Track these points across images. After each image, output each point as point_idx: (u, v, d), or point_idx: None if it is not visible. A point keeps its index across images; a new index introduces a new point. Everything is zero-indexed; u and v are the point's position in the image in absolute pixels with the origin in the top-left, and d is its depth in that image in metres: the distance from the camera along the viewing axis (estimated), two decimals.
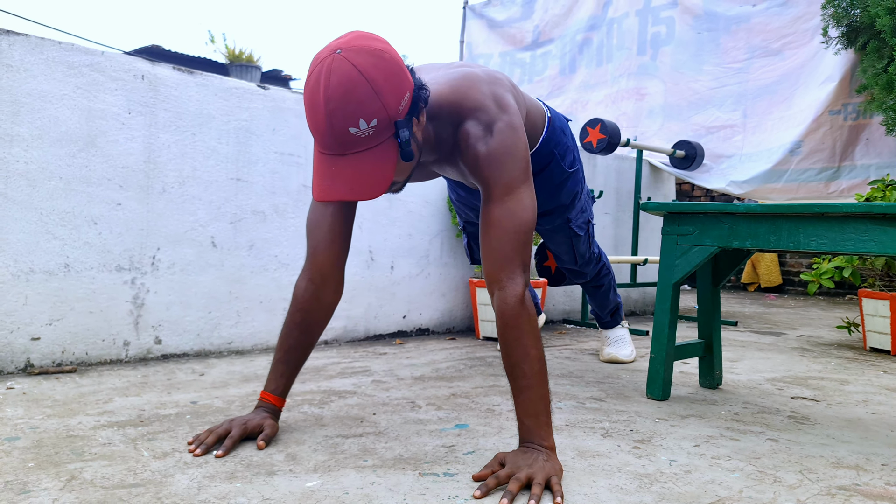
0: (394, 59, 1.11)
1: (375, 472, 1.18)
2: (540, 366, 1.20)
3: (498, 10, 5.48)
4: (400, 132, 1.12)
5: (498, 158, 1.25)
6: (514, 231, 1.24)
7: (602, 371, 2.18)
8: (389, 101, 1.09)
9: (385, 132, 1.11)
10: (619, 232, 3.85)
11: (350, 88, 1.06)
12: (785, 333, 3.30)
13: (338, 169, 1.12)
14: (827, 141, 3.62)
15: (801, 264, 6.17)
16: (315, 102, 1.08)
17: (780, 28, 3.84)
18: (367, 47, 1.09)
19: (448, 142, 1.32)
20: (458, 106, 1.29)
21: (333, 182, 1.12)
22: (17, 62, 1.86)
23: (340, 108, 1.06)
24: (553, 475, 1.11)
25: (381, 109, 1.09)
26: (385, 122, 1.10)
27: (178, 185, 2.17)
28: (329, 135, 1.09)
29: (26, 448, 1.25)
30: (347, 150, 1.10)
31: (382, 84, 1.08)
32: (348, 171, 1.11)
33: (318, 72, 1.08)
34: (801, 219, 1.55)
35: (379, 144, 1.11)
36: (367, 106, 1.07)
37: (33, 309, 1.91)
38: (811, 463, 1.30)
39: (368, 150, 1.11)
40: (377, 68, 1.08)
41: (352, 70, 1.06)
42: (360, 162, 1.11)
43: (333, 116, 1.07)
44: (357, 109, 1.07)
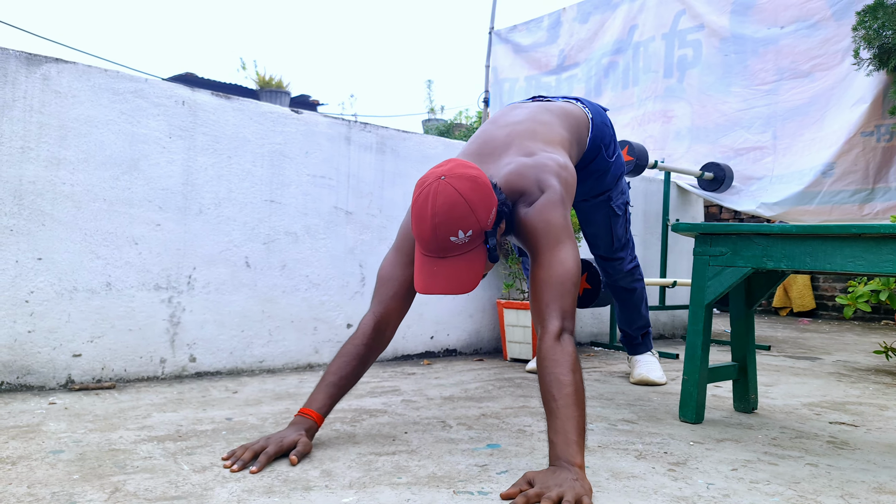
0: (485, 183, 1.36)
1: (410, 489, 1.19)
2: (571, 390, 1.24)
3: (523, 35, 5.54)
4: (489, 240, 1.37)
5: (537, 227, 1.45)
6: (551, 282, 1.39)
7: (633, 393, 2.16)
8: (482, 217, 1.34)
9: (477, 240, 1.36)
10: (647, 254, 3.83)
11: (453, 206, 1.30)
12: (820, 358, 3.24)
13: (438, 269, 1.36)
14: (860, 162, 3.58)
15: (834, 288, 6.06)
16: (423, 216, 1.32)
17: (809, 50, 3.82)
18: (465, 174, 1.34)
19: (509, 221, 1.55)
20: (511, 195, 1.52)
21: (435, 279, 1.35)
22: (66, 89, 1.94)
23: (444, 223, 1.31)
24: (584, 495, 1.10)
25: (475, 223, 1.33)
26: (478, 232, 1.34)
27: (214, 207, 2.23)
28: (433, 242, 1.33)
29: (70, 461, 1.28)
30: (447, 254, 1.35)
31: (477, 204, 1.33)
32: (447, 270, 1.35)
33: (426, 192, 1.33)
34: (837, 240, 1.54)
35: (472, 250, 1.36)
36: (466, 221, 1.32)
37: (75, 326, 1.96)
38: (852, 488, 1.28)
39: (464, 254, 1.35)
40: (473, 192, 1.32)
41: (454, 193, 1.31)
42: (458, 263, 1.35)
43: (438, 228, 1.31)
44: (458, 223, 1.31)
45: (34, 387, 1.90)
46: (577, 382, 1.26)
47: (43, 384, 1.91)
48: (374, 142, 2.65)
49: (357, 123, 2.62)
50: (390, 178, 2.69)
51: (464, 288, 1.36)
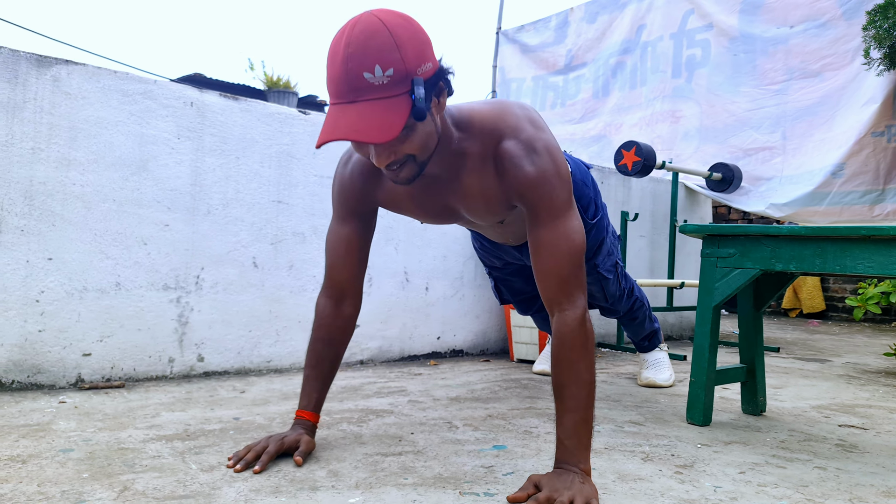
0: (422, 31, 1.12)
1: (416, 490, 1.19)
2: (589, 390, 1.21)
3: (531, 35, 5.54)
4: (416, 88, 1.07)
5: (545, 180, 1.23)
6: (568, 254, 1.23)
7: (640, 395, 2.16)
8: (409, 57, 1.07)
9: (400, 86, 1.07)
10: (654, 255, 3.82)
11: (371, 34, 1.05)
12: (830, 360, 3.22)
13: (346, 115, 1.07)
14: (870, 163, 3.55)
15: (844, 289, 6.02)
16: (335, 49, 1.07)
17: (818, 49, 3.80)
18: (400, 13, 1.11)
19: (476, 158, 1.28)
20: (493, 123, 1.27)
21: (337, 123, 1.07)
22: (76, 90, 1.96)
23: (358, 52, 1.05)
24: (592, 498, 1.10)
25: (399, 61, 1.06)
26: (401, 75, 1.07)
27: (222, 207, 2.24)
28: (343, 80, 1.06)
29: (80, 459, 1.29)
30: (358, 96, 1.07)
31: (405, 40, 1.07)
32: (355, 117, 1.06)
33: (343, 27, 1.09)
34: (847, 241, 1.53)
35: (392, 97, 1.07)
36: (386, 54, 1.05)
37: (85, 326, 1.97)
38: (861, 492, 1.27)
39: (380, 99, 1.07)
40: (402, 27, 1.08)
41: (377, 21, 1.06)
42: (369, 108, 1.06)
43: (350, 60, 1.05)
44: (374, 55, 1.05)
45: (44, 386, 1.91)
46: (594, 380, 1.22)
47: (53, 383, 1.92)
48: None
49: None
50: None
51: (371, 133, 1.06)
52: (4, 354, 1.85)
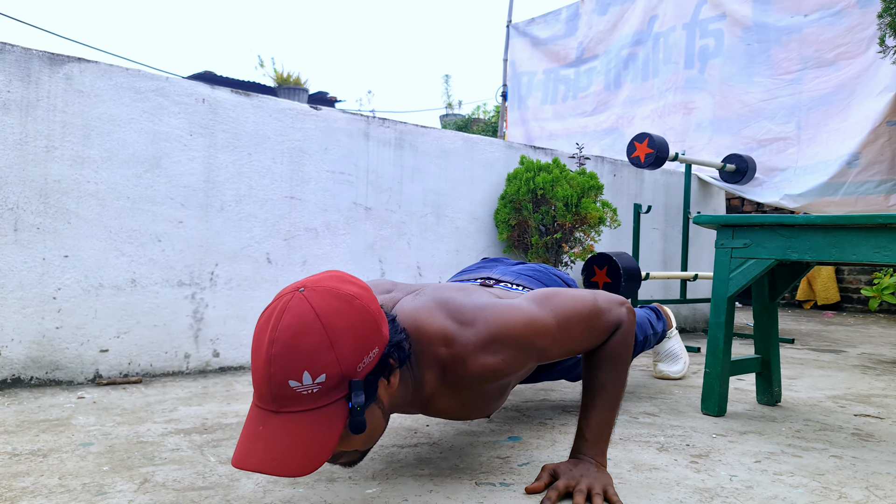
0: (366, 308, 0.94)
1: (433, 480, 1.20)
2: (621, 393, 1.23)
3: (541, 28, 5.51)
4: (353, 395, 0.90)
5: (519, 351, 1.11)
6: (585, 331, 1.18)
7: (654, 387, 2.15)
8: (347, 356, 0.90)
9: (335, 392, 0.90)
10: (668, 247, 3.80)
11: (300, 332, 0.88)
12: (845, 351, 3.20)
13: (266, 429, 0.89)
14: (886, 152, 3.52)
15: (859, 280, 5.96)
16: (259, 343, 0.91)
17: (833, 38, 3.76)
18: (335, 290, 0.93)
19: (433, 383, 1.12)
20: (431, 335, 1.09)
21: (255, 444, 0.89)
22: (88, 88, 1.97)
23: (283, 355, 0.88)
24: (609, 486, 1.11)
25: (333, 363, 0.89)
26: (336, 379, 0.90)
27: (235, 204, 2.25)
28: (265, 385, 0.89)
29: (100, 453, 1.31)
30: (283, 406, 0.89)
31: (342, 334, 0.90)
32: (276, 435, 0.89)
33: (271, 309, 0.92)
34: (863, 230, 1.52)
35: (323, 406, 0.90)
36: (317, 357, 0.88)
37: (102, 322, 1.99)
38: (878, 480, 1.26)
39: (308, 411, 0.89)
40: (341, 315, 0.91)
41: (308, 312, 0.89)
42: (295, 425, 0.89)
43: (273, 363, 0.88)
44: (303, 360, 0.88)
45: (63, 382, 1.94)
46: (626, 382, 1.24)
47: (71, 379, 1.95)
48: (392, 137, 2.66)
49: (375, 119, 2.63)
50: (409, 173, 2.70)
51: (294, 468, 0.88)
52: (23, 351, 1.87)
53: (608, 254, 2.68)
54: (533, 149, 3.22)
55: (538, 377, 1.65)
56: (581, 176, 2.89)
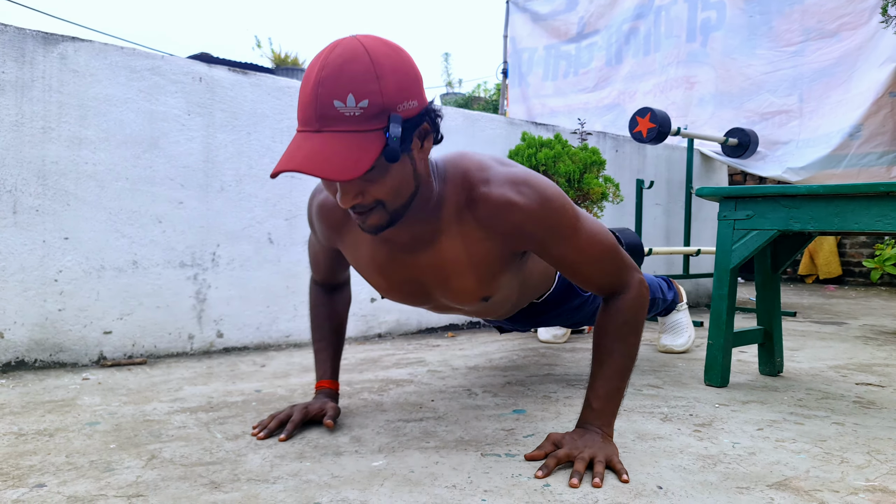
0: (412, 65, 0.99)
1: (438, 452, 1.21)
2: (631, 364, 1.22)
3: (542, 4, 5.45)
4: (391, 126, 0.94)
5: (542, 208, 1.11)
6: (601, 258, 1.19)
7: (658, 360, 2.16)
8: (389, 90, 0.94)
9: (374, 120, 0.94)
10: (670, 222, 3.79)
11: (349, 59, 0.93)
12: (847, 323, 3.20)
13: (308, 144, 0.94)
14: (888, 124, 3.49)
15: (861, 254, 5.95)
16: (309, 73, 0.96)
17: (835, 9, 3.72)
18: (388, 42, 0.98)
19: (454, 215, 1.14)
20: (466, 170, 1.14)
21: (296, 153, 0.93)
22: (83, 67, 1.96)
23: (332, 77, 0.92)
24: (613, 456, 1.12)
25: (376, 92, 0.93)
26: (377, 108, 0.94)
27: (235, 184, 2.24)
28: (312, 105, 0.94)
29: (107, 431, 1.32)
30: (325, 126, 0.94)
31: (388, 70, 0.94)
32: (317, 147, 0.93)
33: (324, 50, 0.97)
34: (865, 199, 1.51)
35: (362, 132, 0.94)
36: (362, 83, 0.92)
37: (105, 304, 2.00)
38: (879, 445, 1.27)
39: (348, 132, 0.93)
40: (387, 56, 0.95)
41: (359, 46, 0.94)
42: (335, 141, 0.93)
43: (322, 84, 0.92)
44: (349, 82, 0.92)
45: (67, 364, 1.94)
46: (637, 354, 1.23)
47: (75, 361, 1.96)
48: None
49: None
50: None
51: (331, 167, 0.91)
52: (26, 334, 1.88)
53: (611, 229, 2.67)
54: (534, 125, 3.20)
55: (539, 317, 1.63)
56: (583, 151, 2.88)
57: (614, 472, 1.09)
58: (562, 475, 1.09)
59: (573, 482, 1.04)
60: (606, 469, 1.10)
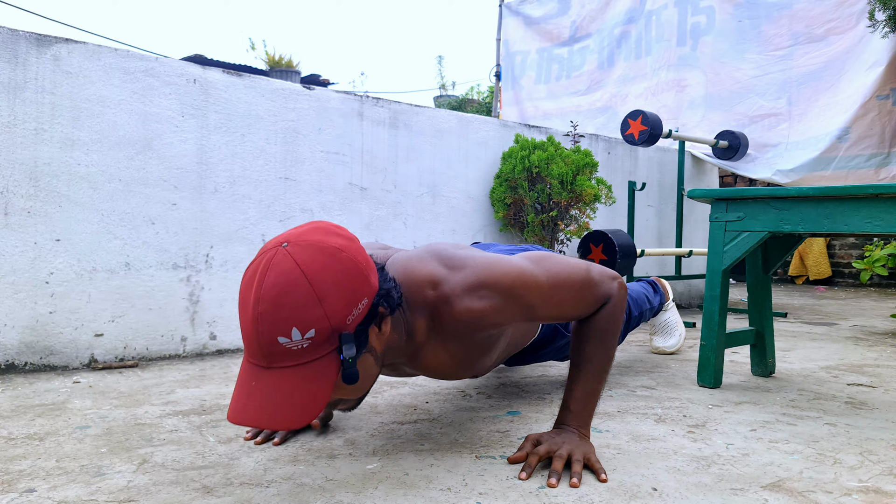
0: (352, 259, 0.93)
1: (433, 454, 1.21)
2: (608, 367, 1.23)
3: (534, 7, 5.47)
4: (344, 348, 0.91)
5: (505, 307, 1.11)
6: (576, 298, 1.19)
7: (650, 361, 2.16)
8: (335, 310, 0.90)
9: (325, 346, 0.91)
10: (662, 224, 3.81)
11: (286, 290, 0.87)
12: (837, 324, 3.23)
13: (258, 385, 0.90)
14: (876, 127, 3.53)
15: (850, 255, 6.00)
16: (245, 301, 0.90)
17: (823, 13, 3.75)
18: (319, 243, 0.92)
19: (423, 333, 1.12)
20: (414, 291, 1.09)
21: (248, 401, 0.90)
22: (77, 69, 1.95)
23: (271, 313, 0.87)
24: (590, 453, 1.13)
25: (321, 318, 0.89)
26: (326, 334, 0.90)
27: (229, 185, 2.23)
28: (255, 343, 0.90)
29: (98, 435, 1.31)
30: (274, 362, 0.90)
31: (329, 288, 0.89)
32: (268, 391, 0.90)
33: (255, 265, 0.91)
34: (855, 201, 1.53)
35: (314, 360, 0.91)
36: (305, 313, 0.88)
37: (96, 306, 1.99)
38: (871, 445, 1.28)
39: (299, 366, 0.90)
40: (326, 269, 0.90)
41: (293, 269, 0.88)
42: (287, 380, 0.90)
43: (260, 322, 0.88)
44: (290, 316, 0.88)
45: (57, 367, 1.93)
46: (613, 357, 1.25)
47: (66, 364, 1.94)
48: (386, 117, 2.64)
49: (369, 99, 2.61)
50: (404, 153, 2.69)
51: (286, 421, 0.90)
52: (16, 336, 1.87)
53: (604, 231, 2.69)
54: (527, 127, 3.21)
55: (529, 357, 1.65)
56: (576, 154, 2.89)
57: (592, 472, 1.10)
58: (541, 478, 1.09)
59: (551, 482, 1.06)
60: (585, 468, 1.11)
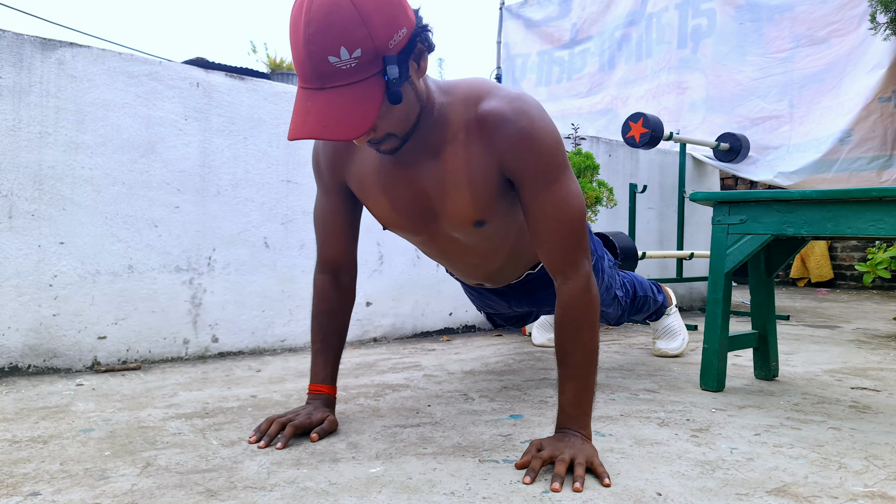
0: None
1: (436, 458, 1.21)
2: (592, 358, 1.20)
3: (535, 10, 5.48)
4: (388, 68, 0.99)
5: (536, 137, 1.15)
6: (569, 221, 1.18)
7: (653, 364, 2.16)
8: (378, 32, 0.97)
9: (371, 67, 0.99)
10: (663, 227, 3.81)
11: (333, 10, 0.94)
12: (840, 326, 3.22)
13: (313, 104, 0.99)
14: (878, 129, 3.53)
15: (852, 258, 6.00)
16: (296, 27, 0.97)
17: (825, 16, 3.76)
18: None
19: (460, 126, 1.18)
20: (473, 86, 1.19)
21: (306, 118, 0.99)
22: (81, 73, 1.95)
23: (320, 33, 0.95)
24: (593, 457, 1.13)
25: (366, 39, 0.96)
26: (371, 55, 0.98)
27: (231, 188, 2.24)
28: (308, 64, 0.98)
29: (101, 438, 1.31)
30: (326, 83, 0.98)
31: (372, 11, 0.96)
32: (323, 108, 0.99)
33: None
34: (858, 204, 1.53)
35: (362, 80, 0.99)
36: (351, 33, 0.95)
37: (99, 309, 1.99)
38: (876, 450, 1.28)
39: (349, 85, 0.99)
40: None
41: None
42: (339, 98, 0.99)
43: (312, 42, 0.95)
44: (339, 35, 0.95)
45: (60, 369, 1.93)
46: (597, 347, 1.21)
47: (69, 367, 1.94)
48: None
49: None
50: None
51: (343, 131, 0.99)
52: (20, 339, 1.87)
53: (605, 233, 2.69)
54: None
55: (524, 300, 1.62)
56: (577, 156, 2.89)
57: (596, 476, 1.10)
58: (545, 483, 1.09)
59: (554, 486, 1.05)
60: (588, 472, 1.11)
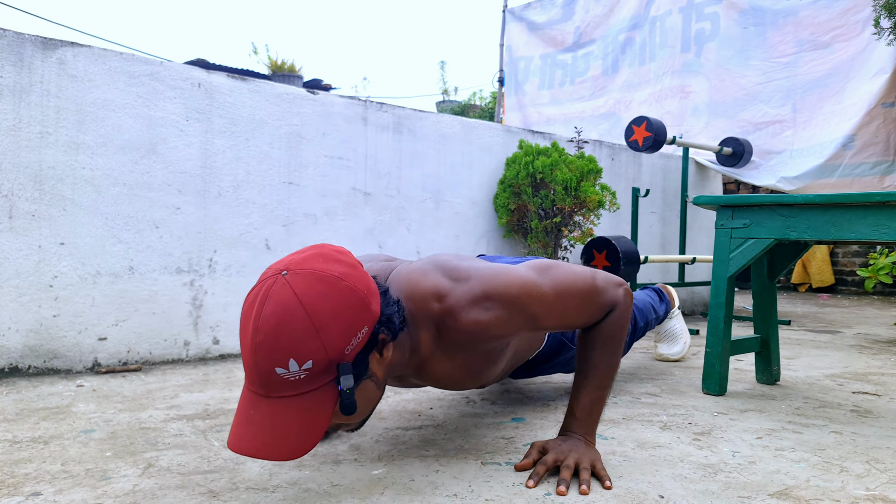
0: (352, 288, 0.93)
1: (438, 461, 1.20)
2: (613, 374, 1.23)
3: (538, 13, 5.48)
4: (342, 378, 0.91)
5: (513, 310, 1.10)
6: (581, 304, 1.18)
7: (655, 368, 2.16)
8: (333, 341, 0.90)
9: (323, 376, 0.91)
10: (666, 231, 3.81)
11: (283, 321, 0.88)
12: (841, 332, 3.22)
13: (256, 413, 0.91)
14: (880, 134, 3.52)
15: (853, 263, 5.99)
16: (245, 327, 0.91)
17: (828, 21, 3.75)
18: (319, 272, 0.91)
19: (433, 350, 1.12)
20: (419, 303, 1.08)
21: (247, 429, 0.91)
22: (82, 73, 1.95)
23: (268, 344, 0.88)
24: (597, 460, 1.13)
25: (319, 350, 0.89)
26: (324, 364, 0.90)
27: (232, 190, 2.24)
28: (254, 371, 0.90)
29: (102, 439, 1.31)
30: (272, 392, 0.91)
31: (327, 319, 0.89)
32: (266, 420, 0.91)
33: (255, 293, 0.92)
34: (861, 208, 1.52)
35: (312, 391, 0.91)
36: (302, 346, 0.88)
37: (100, 310, 1.98)
38: (878, 454, 1.27)
39: (297, 396, 0.91)
40: (325, 300, 0.90)
41: (291, 299, 0.88)
42: (285, 409, 0.90)
43: (258, 351, 0.89)
44: (288, 348, 0.88)
45: (61, 370, 1.93)
46: (619, 364, 1.25)
47: (70, 368, 1.94)
48: (390, 122, 2.64)
49: (373, 103, 2.61)
50: (408, 158, 2.69)
51: (283, 452, 0.90)
52: (20, 340, 1.86)
53: (607, 237, 2.69)
54: (531, 133, 3.21)
55: (535, 370, 1.63)
56: (580, 160, 2.89)
57: (598, 479, 1.10)
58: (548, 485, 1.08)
59: (560, 490, 1.05)
60: (591, 476, 1.11)
